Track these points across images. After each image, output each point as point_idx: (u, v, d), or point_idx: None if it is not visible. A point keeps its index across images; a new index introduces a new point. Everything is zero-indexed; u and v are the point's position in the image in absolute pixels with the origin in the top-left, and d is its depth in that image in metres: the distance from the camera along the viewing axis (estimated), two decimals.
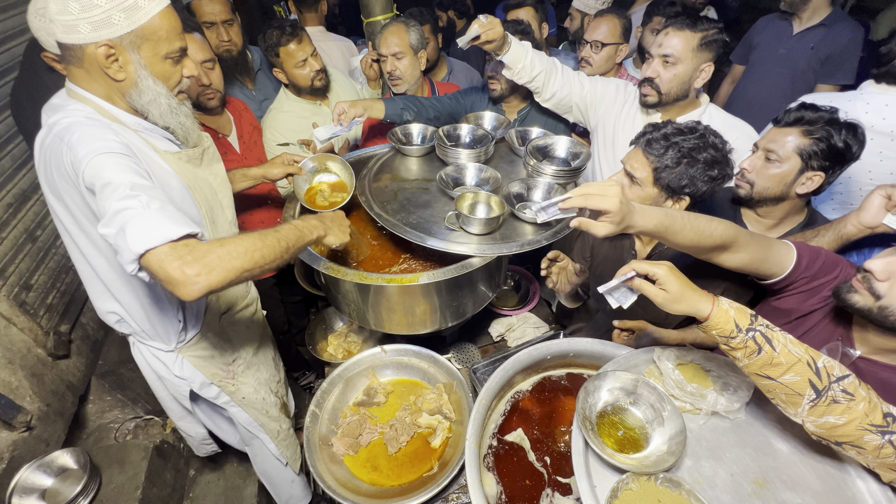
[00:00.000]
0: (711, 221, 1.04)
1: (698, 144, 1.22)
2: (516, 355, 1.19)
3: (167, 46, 1.04)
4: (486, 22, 1.61)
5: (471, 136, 1.78)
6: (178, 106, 1.13)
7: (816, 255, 1.13)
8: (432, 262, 1.56)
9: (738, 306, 0.88)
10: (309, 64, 1.96)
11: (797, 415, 0.85)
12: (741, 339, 0.85)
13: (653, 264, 0.93)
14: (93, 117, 1.03)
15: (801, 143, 1.25)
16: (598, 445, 0.92)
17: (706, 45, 1.52)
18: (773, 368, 0.84)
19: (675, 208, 1.27)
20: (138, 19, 0.97)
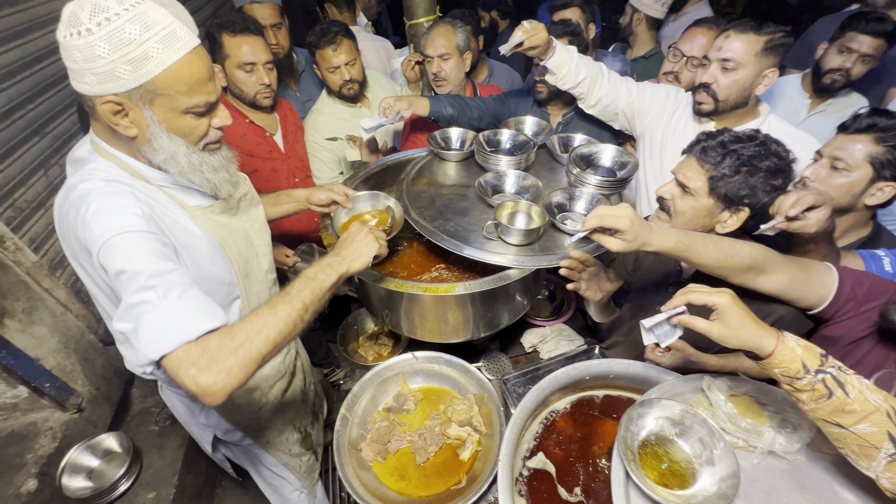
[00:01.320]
0: (736, 242, 1.03)
1: (759, 152, 1.12)
2: (554, 374, 1.15)
3: (186, 101, 0.89)
4: (530, 28, 1.55)
5: (511, 142, 1.74)
6: (202, 162, 0.98)
7: (861, 278, 1.05)
8: (468, 270, 1.53)
9: (805, 344, 0.81)
10: (340, 72, 1.99)
11: (870, 468, 0.77)
12: (808, 382, 0.77)
13: (713, 292, 0.85)
14: (113, 178, 0.92)
15: (874, 151, 1.16)
16: (640, 478, 0.87)
17: (771, 49, 1.41)
18: (845, 416, 0.76)
19: (733, 220, 1.19)
20: (148, 72, 0.82)
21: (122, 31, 0.79)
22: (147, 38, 0.81)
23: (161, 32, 0.82)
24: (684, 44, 1.96)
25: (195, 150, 0.97)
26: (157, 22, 0.82)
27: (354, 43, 1.99)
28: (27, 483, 1.52)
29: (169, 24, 0.83)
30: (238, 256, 1.13)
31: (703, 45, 1.90)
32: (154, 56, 0.82)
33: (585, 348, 1.78)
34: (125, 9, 0.79)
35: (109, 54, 0.79)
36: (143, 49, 0.81)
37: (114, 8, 0.79)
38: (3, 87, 1.57)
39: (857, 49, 1.93)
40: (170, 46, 0.83)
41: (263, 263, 1.26)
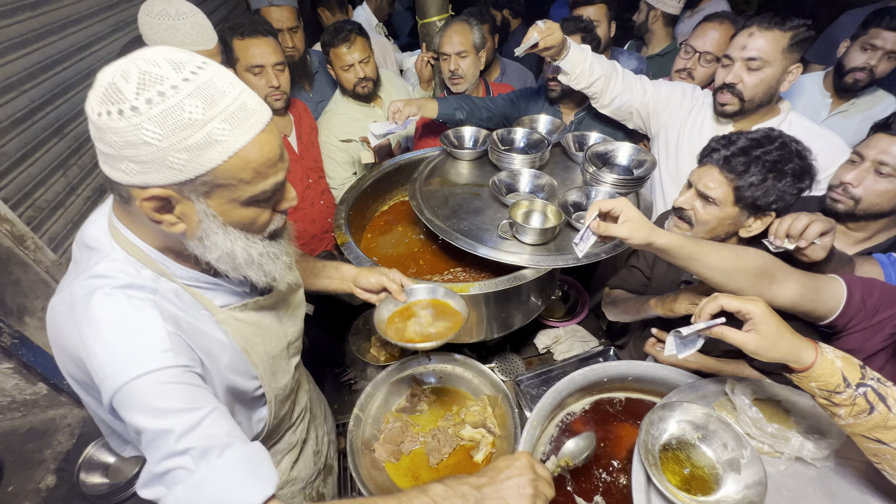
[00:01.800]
0: (743, 248, 1.01)
1: (783, 155, 1.10)
2: (571, 376, 1.13)
3: (252, 189, 0.69)
4: (545, 28, 1.53)
5: (525, 141, 1.72)
6: (263, 253, 0.78)
7: (871, 288, 1.01)
8: (482, 270, 1.52)
9: (843, 355, 0.76)
10: (354, 70, 1.99)
11: None
12: (849, 396, 0.73)
13: (746, 300, 0.80)
14: (134, 283, 0.72)
15: None
16: (662, 483, 0.85)
17: (796, 45, 1.37)
18: (887, 432, 0.71)
19: (758, 224, 1.17)
20: (209, 160, 0.62)
21: (179, 109, 0.59)
22: (212, 116, 0.61)
23: (230, 107, 0.62)
24: (696, 39, 1.92)
25: (256, 240, 0.77)
26: (226, 93, 0.62)
27: (368, 41, 1.99)
28: (46, 479, 1.54)
29: (238, 94, 0.64)
30: (264, 357, 0.94)
31: (715, 40, 1.87)
32: (220, 139, 0.62)
33: (600, 349, 1.75)
34: (184, 79, 0.60)
35: (161, 140, 0.59)
36: (207, 131, 0.60)
37: (170, 78, 0.59)
38: (24, 89, 1.60)
39: (881, 46, 1.86)
40: (240, 125, 0.63)
41: (291, 352, 1.06)
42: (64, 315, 0.72)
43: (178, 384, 0.68)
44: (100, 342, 0.67)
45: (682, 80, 1.97)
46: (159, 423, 0.65)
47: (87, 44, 1.92)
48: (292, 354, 1.06)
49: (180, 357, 0.70)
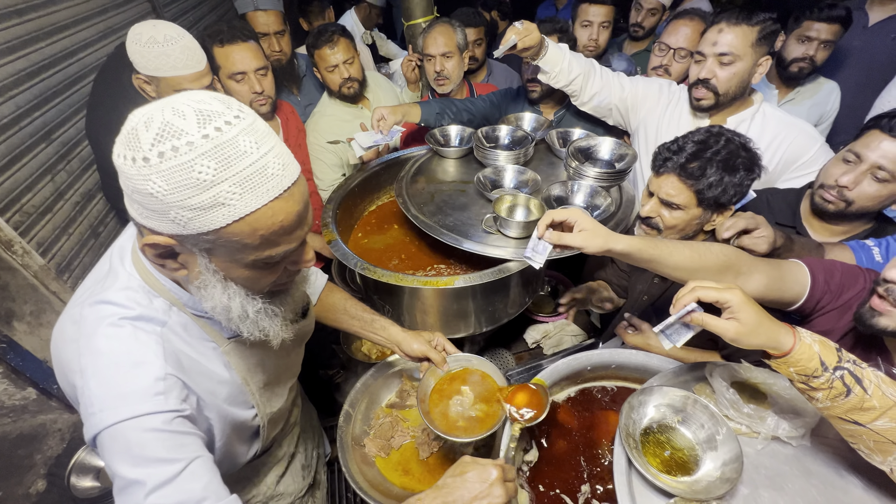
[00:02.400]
0: (704, 242, 1.03)
1: (731, 151, 1.16)
2: (554, 365, 1.15)
3: (256, 254, 0.65)
4: (522, 28, 1.56)
5: (510, 138, 1.75)
6: (260, 311, 0.76)
7: (831, 268, 1.04)
8: (469, 265, 1.54)
9: (820, 339, 0.76)
10: (339, 71, 2.00)
11: (885, 463, 0.74)
12: (826, 379, 0.73)
13: (724, 288, 0.80)
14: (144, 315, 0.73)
15: None
16: (643, 465, 0.87)
17: (764, 38, 1.42)
18: (864, 413, 0.72)
19: (721, 218, 1.23)
20: (214, 221, 0.58)
21: (190, 168, 0.55)
22: (224, 178, 0.57)
23: (247, 171, 0.58)
24: (669, 37, 1.99)
25: (255, 298, 0.74)
26: (246, 154, 0.58)
27: (352, 42, 2.01)
28: (36, 483, 1.53)
29: (261, 156, 0.59)
30: (262, 385, 0.94)
31: (687, 36, 1.93)
32: (227, 203, 0.58)
33: (589, 343, 1.78)
34: (205, 135, 0.56)
35: (165, 196, 0.56)
36: (214, 193, 0.57)
37: (189, 134, 0.55)
38: (12, 94, 1.60)
39: (816, 37, 1.99)
40: (253, 190, 0.59)
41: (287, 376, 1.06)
42: (69, 338, 0.73)
43: (163, 432, 0.67)
44: (97, 377, 0.67)
45: (659, 76, 2.02)
46: (133, 473, 0.65)
47: (75, 50, 1.93)
48: (289, 378, 1.06)
49: (171, 401, 0.70)
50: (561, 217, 1.02)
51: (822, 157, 1.50)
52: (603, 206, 1.40)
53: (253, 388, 0.90)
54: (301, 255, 0.74)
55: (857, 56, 2.34)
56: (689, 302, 0.82)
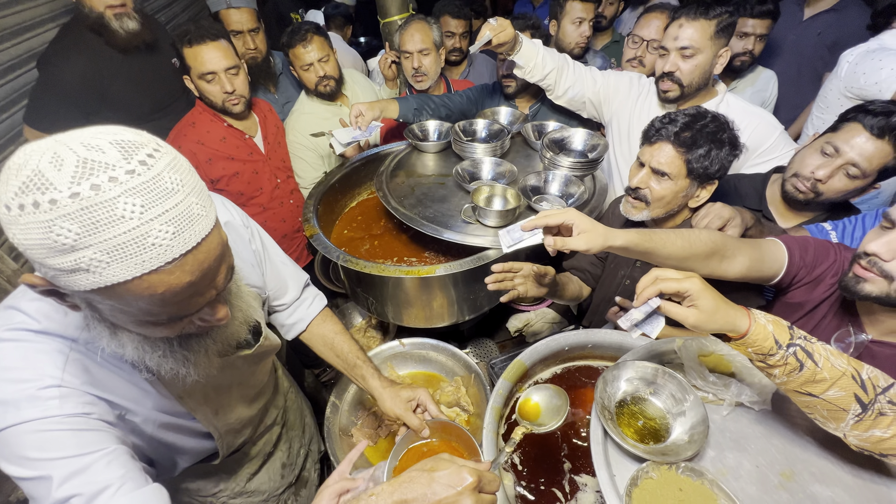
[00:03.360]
0: (692, 230, 1.06)
1: (718, 126, 1.22)
2: (534, 346, 1.19)
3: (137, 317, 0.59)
4: (497, 25, 1.60)
5: (487, 131, 1.79)
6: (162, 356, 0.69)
7: (805, 244, 1.11)
8: (450, 256, 1.57)
9: (774, 318, 0.81)
10: (314, 69, 2.00)
11: (838, 429, 0.79)
12: (781, 356, 0.77)
13: (683, 278, 0.83)
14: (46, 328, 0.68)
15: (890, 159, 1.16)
16: (618, 435, 0.91)
17: (722, 30, 1.49)
18: (816, 385, 0.77)
19: (705, 193, 1.28)
20: (77, 284, 0.52)
21: (48, 228, 0.48)
22: (88, 244, 0.49)
23: (118, 238, 0.50)
24: (642, 30, 2.08)
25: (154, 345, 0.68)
26: (123, 220, 0.50)
27: (327, 40, 2.02)
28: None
29: (144, 223, 0.51)
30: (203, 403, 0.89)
31: (658, 28, 2.02)
32: (91, 270, 0.50)
33: (570, 330, 1.83)
34: (73, 194, 0.48)
35: (26, 250, 0.50)
36: (75, 258, 0.49)
37: (57, 190, 0.48)
38: None
39: (752, 32, 2.12)
40: (122, 260, 0.51)
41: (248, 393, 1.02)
42: None
43: (61, 431, 0.64)
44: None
45: (634, 68, 2.10)
46: (35, 472, 0.62)
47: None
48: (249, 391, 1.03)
49: (68, 406, 0.66)
50: (557, 220, 1.01)
51: (781, 144, 1.59)
52: (577, 195, 1.45)
53: (192, 405, 0.85)
54: (212, 313, 0.66)
55: (791, 48, 2.49)
56: (652, 295, 0.85)
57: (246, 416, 1.03)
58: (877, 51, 1.85)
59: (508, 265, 1.31)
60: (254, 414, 1.09)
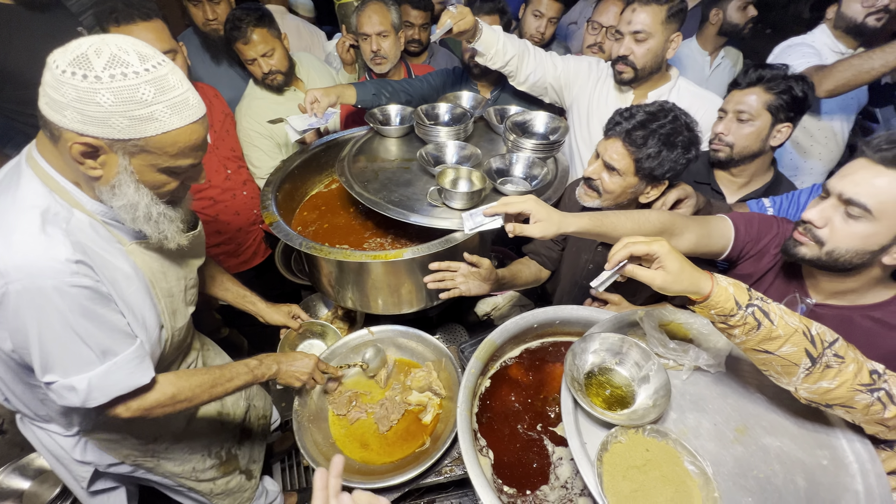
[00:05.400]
0: (643, 211, 1.13)
1: (675, 128, 1.23)
2: (504, 325, 1.20)
3: (171, 162, 0.87)
4: (457, 12, 1.58)
5: (449, 115, 1.78)
6: (161, 214, 0.94)
7: (750, 219, 1.19)
8: (418, 240, 1.55)
9: (734, 281, 0.85)
10: (258, 64, 1.89)
11: (790, 383, 0.85)
12: (741, 316, 0.82)
13: (651, 241, 0.87)
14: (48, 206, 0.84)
15: (768, 99, 1.36)
16: (588, 404, 0.94)
17: (673, 16, 1.55)
18: (772, 342, 0.82)
19: (655, 192, 1.31)
20: (145, 131, 0.80)
21: (135, 89, 0.77)
22: (159, 101, 0.79)
23: (175, 98, 0.81)
24: (600, 16, 2.15)
25: (157, 201, 0.92)
26: (175, 88, 0.81)
27: (272, 29, 1.88)
28: None
29: (185, 91, 0.83)
30: (167, 296, 1.07)
31: (616, 14, 2.07)
32: (159, 119, 0.80)
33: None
34: (146, 69, 0.78)
35: (111, 106, 0.76)
36: (151, 111, 0.79)
37: (134, 66, 0.77)
38: None
39: None
40: (178, 113, 0.82)
41: (188, 297, 1.19)
42: None
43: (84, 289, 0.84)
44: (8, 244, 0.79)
45: (594, 54, 2.15)
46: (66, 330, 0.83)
47: None
48: (189, 301, 1.18)
49: (83, 279, 0.84)
50: (516, 209, 1.09)
51: None
52: (540, 176, 1.47)
53: (158, 292, 1.04)
54: (198, 172, 0.98)
55: None
56: (623, 258, 0.90)
57: (186, 332, 1.21)
58: (792, 46, 1.97)
59: (445, 264, 1.37)
60: (187, 334, 1.25)
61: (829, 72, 1.59)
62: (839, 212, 0.96)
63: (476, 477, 0.93)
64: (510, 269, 1.62)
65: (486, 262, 1.40)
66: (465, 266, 1.39)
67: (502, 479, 1.05)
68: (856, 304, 1.07)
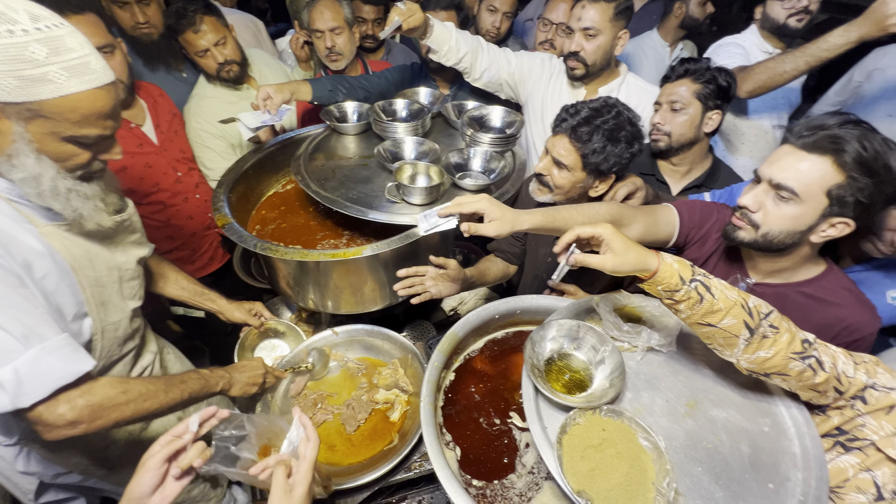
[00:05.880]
0: (594, 204, 1.16)
1: (618, 123, 1.26)
2: (465, 317, 1.21)
3: (74, 130, 0.81)
4: (405, 9, 1.57)
5: (407, 111, 1.77)
6: (71, 189, 0.87)
7: (692, 206, 1.25)
8: (378, 238, 1.53)
9: (678, 259, 0.89)
10: (212, 55, 1.81)
11: (732, 355, 0.90)
12: (685, 291, 0.86)
13: (596, 225, 0.91)
14: None
15: (696, 89, 1.45)
16: (549, 390, 0.96)
17: (620, 13, 1.61)
18: (714, 315, 0.86)
19: (604, 185, 1.35)
20: (39, 94, 0.75)
21: (23, 47, 0.73)
22: (53, 62, 0.75)
23: (73, 61, 0.77)
24: (550, 13, 2.20)
25: (66, 176, 0.86)
26: (73, 50, 0.78)
27: (220, 18, 1.82)
28: None
29: (86, 54, 0.80)
30: (93, 283, 0.99)
31: (566, 11, 2.13)
32: (55, 81, 0.76)
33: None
34: (38, 28, 0.74)
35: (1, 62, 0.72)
36: (44, 71, 0.74)
37: (23, 24, 0.73)
38: None
39: None
40: (78, 76, 0.78)
41: (126, 291, 1.11)
42: None
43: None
44: None
45: (546, 50, 2.19)
46: None
47: None
48: (127, 295, 1.11)
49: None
50: (470, 209, 1.09)
51: None
52: (498, 169, 1.49)
53: (83, 280, 0.96)
54: (110, 145, 0.92)
55: None
56: (571, 240, 0.93)
57: (123, 325, 1.10)
58: (723, 45, 2.06)
59: (413, 269, 1.37)
60: (129, 331, 1.14)
61: (748, 73, 1.68)
62: (770, 196, 1.03)
63: (441, 469, 0.93)
64: (478, 268, 1.64)
65: (452, 263, 1.41)
66: (433, 269, 1.39)
67: (470, 472, 1.05)
68: (790, 282, 1.14)
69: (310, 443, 0.81)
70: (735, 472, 0.89)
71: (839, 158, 0.94)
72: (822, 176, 0.95)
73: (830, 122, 0.97)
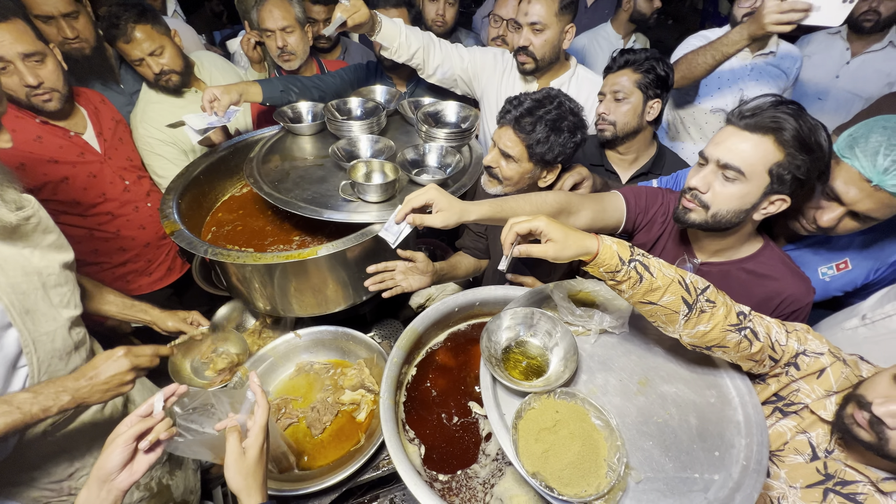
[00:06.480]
0: (541, 193, 1.17)
1: (560, 114, 1.28)
2: (425, 312, 1.22)
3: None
4: (350, 5, 1.55)
5: (362, 109, 1.76)
6: None
7: (638, 192, 1.29)
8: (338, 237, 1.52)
9: (617, 240, 0.92)
10: (147, 65, 1.74)
11: (675, 331, 0.93)
12: (625, 272, 0.89)
13: (531, 219, 0.92)
14: None
15: (637, 78, 1.50)
16: (506, 378, 0.97)
17: (566, 7, 1.64)
18: (654, 293, 0.89)
19: (551, 176, 1.37)
20: None
21: None
22: None
23: None
24: (500, 9, 2.24)
25: None
26: None
27: (157, 25, 1.73)
28: None
29: None
30: (8, 289, 0.93)
31: (515, 7, 2.14)
32: None
33: None
34: None
35: None
36: None
37: None
38: None
39: None
40: None
41: (54, 298, 1.05)
42: None
43: None
44: None
45: (498, 46, 2.21)
46: None
47: None
48: (58, 303, 1.04)
49: None
50: (420, 202, 1.07)
51: None
52: (454, 164, 1.50)
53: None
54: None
55: None
56: (512, 239, 0.95)
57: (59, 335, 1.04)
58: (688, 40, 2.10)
59: (383, 265, 1.38)
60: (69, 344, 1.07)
61: (676, 65, 1.78)
62: (718, 176, 1.06)
63: (401, 464, 0.94)
64: (449, 262, 1.65)
65: (420, 256, 1.42)
66: (402, 263, 1.40)
67: (435, 467, 1.05)
68: (732, 259, 1.20)
69: (259, 408, 0.85)
70: (684, 443, 0.92)
71: (779, 137, 0.98)
72: (764, 154, 1.00)
73: (769, 103, 1.02)
